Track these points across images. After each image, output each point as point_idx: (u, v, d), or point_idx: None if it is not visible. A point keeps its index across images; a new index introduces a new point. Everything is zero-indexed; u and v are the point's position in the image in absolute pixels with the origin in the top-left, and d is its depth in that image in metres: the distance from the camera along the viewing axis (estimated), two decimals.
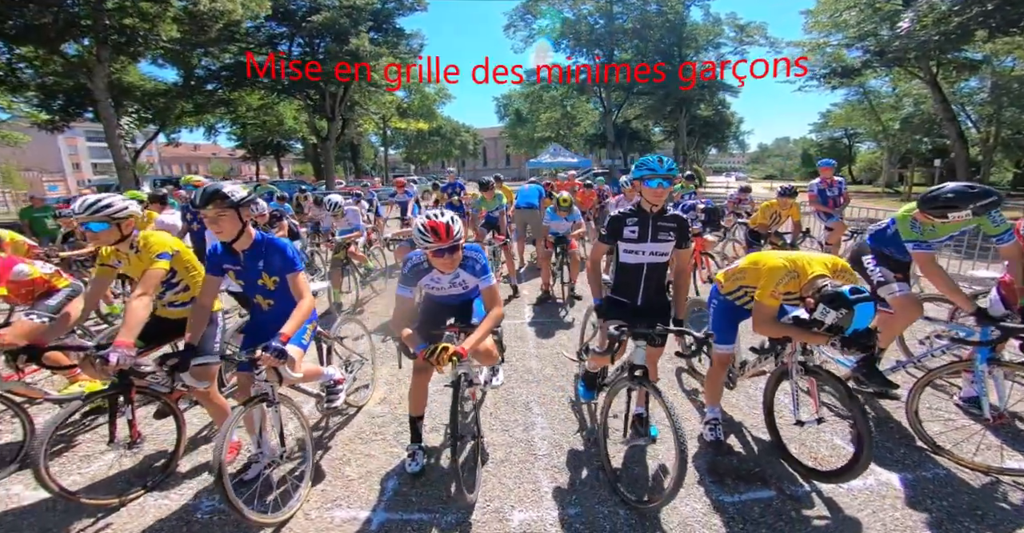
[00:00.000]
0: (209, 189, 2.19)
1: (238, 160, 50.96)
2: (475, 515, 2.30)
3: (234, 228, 2.24)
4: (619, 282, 2.66)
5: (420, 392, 2.65)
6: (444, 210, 2.24)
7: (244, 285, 2.44)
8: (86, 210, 2.32)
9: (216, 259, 2.37)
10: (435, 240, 2.14)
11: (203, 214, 2.21)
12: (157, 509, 2.35)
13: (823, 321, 2.06)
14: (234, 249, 2.33)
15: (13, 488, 2.54)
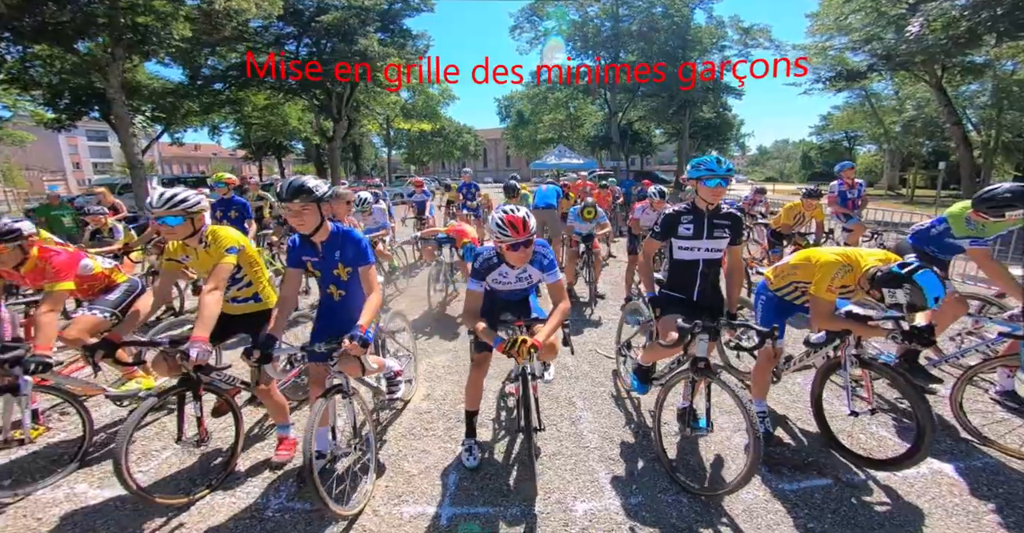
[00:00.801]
0: (295, 183, 2.23)
1: (239, 160, 50.97)
2: (538, 507, 2.35)
3: (315, 222, 2.29)
4: (673, 278, 2.73)
5: (477, 387, 2.71)
6: (518, 206, 2.29)
7: (320, 276, 2.49)
8: (164, 204, 2.35)
9: (296, 251, 2.43)
10: (513, 234, 2.19)
11: (287, 207, 2.25)
12: (227, 508, 2.36)
13: (902, 303, 2.10)
14: (312, 241, 2.38)
15: (77, 487, 2.54)
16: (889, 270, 2.12)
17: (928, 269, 2.08)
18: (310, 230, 2.30)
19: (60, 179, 42.23)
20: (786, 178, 49.92)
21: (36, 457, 2.81)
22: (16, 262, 2.67)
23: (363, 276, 2.40)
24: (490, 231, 2.30)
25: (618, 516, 2.27)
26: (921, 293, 2.04)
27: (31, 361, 2.37)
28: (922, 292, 2.03)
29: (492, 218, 2.27)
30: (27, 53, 12.77)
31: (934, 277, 2.06)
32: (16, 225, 2.62)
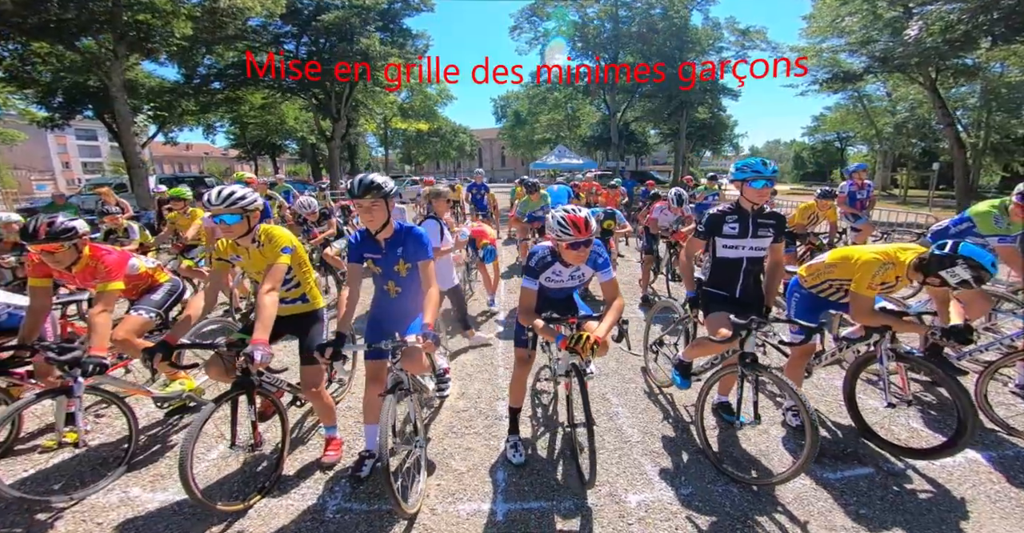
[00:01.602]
0: (365, 180, 2.26)
1: (232, 160, 50.45)
2: (591, 500, 2.41)
3: (383, 218, 2.32)
4: (716, 275, 2.81)
5: (522, 384, 2.77)
6: (579, 207, 2.34)
7: (380, 272, 2.51)
8: (223, 202, 2.34)
9: (357, 248, 2.44)
10: (575, 233, 2.23)
11: (357, 203, 2.27)
12: (285, 511, 2.34)
13: (967, 278, 2.15)
14: (376, 238, 2.41)
15: (131, 491, 2.51)
16: (931, 254, 2.22)
17: (964, 241, 2.19)
18: (378, 226, 2.33)
19: (49, 179, 41.53)
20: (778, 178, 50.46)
21: (80, 460, 2.78)
22: (70, 261, 2.64)
23: (423, 270, 2.42)
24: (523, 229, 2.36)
25: (672, 506, 2.34)
26: (977, 263, 2.11)
27: (89, 362, 2.36)
28: (978, 262, 2.11)
29: (552, 217, 2.31)
30: (26, 50, 12.58)
31: (975, 247, 2.16)
32: (71, 223, 2.59)
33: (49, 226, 2.49)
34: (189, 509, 2.35)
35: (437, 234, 4.01)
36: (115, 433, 3.08)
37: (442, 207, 4.17)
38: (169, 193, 6.00)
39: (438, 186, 4.38)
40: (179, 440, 2.99)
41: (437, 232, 4.03)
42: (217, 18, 12.29)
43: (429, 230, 3.95)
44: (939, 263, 2.20)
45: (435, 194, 4.20)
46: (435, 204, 4.16)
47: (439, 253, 3.95)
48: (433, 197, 4.18)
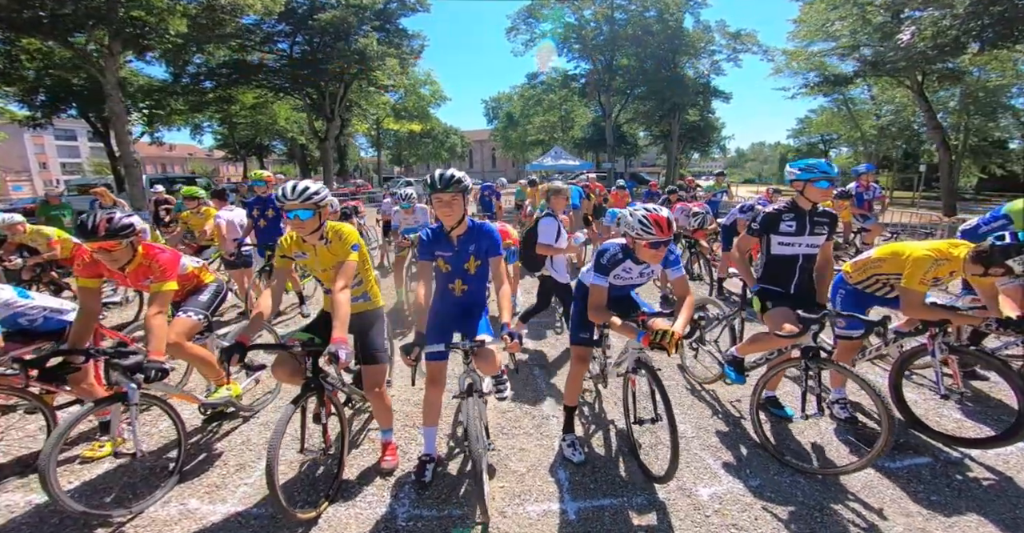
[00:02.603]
0: (446, 174, 2.24)
1: (217, 161, 49.50)
2: (662, 495, 2.43)
3: (461, 212, 2.31)
4: (771, 272, 2.87)
5: (579, 382, 2.77)
6: (659, 206, 2.35)
7: (449, 270, 2.48)
8: (299, 196, 2.27)
9: (428, 245, 2.41)
10: (657, 233, 2.24)
11: (438, 197, 2.24)
12: (356, 520, 2.27)
13: None
14: (448, 235, 2.39)
15: (189, 503, 2.41)
16: (992, 246, 2.31)
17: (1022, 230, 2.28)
18: (456, 221, 2.31)
19: (26, 180, 40.24)
20: (764, 180, 51.54)
21: (126, 470, 2.66)
22: (126, 260, 2.55)
23: (495, 267, 2.42)
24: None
25: (745, 498, 2.38)
26: None
27: (150, 368, 2.25)
28: None
29: (632, 215, 2.32)
30: (14, 47, 12.18)
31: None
32: (129, 219, 2.47)
33: (108, 222, 2.37)
34: (255, 521, 2.26)
35: (554, 232, 3.87)
36: (154, 442, 2.98)
37: (560, 204, 3.98)
38: (184, 192, 5.87)
39: (556, 183, 4.19)
40: (223, 448, 2.89)
41: (554, 230, 3.88)
42: (217, 15, 12.05)
43: (547, 228, 3.85)
44: (1003, 253, 2.28)
45: (554, 191, 4.00)
46: (553, 201, 3.98)
47: (554, 251, 3.89)
48: (553, 194, 3.99)
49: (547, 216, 3.93)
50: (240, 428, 3.13)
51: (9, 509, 2.37)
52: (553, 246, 3.86)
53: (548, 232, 3.85)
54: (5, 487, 2.51)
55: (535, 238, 3.90)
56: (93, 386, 2.77)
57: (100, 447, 2.78)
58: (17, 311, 2.66)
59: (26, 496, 2.45)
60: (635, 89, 25.43)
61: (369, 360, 2.57)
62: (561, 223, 3.97)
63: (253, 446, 2.91)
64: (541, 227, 3.87)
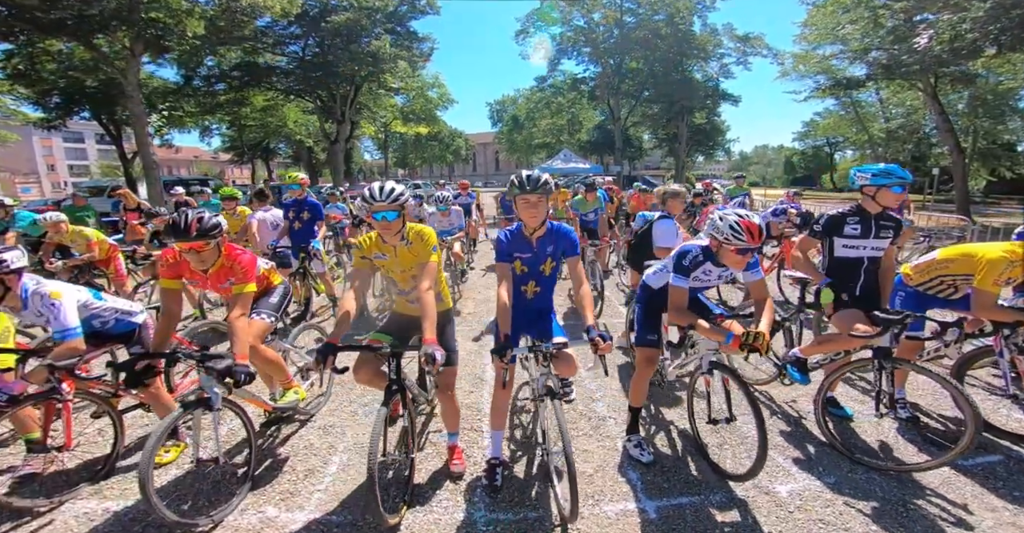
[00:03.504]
0: (534, 176, 2.26)
1: (223, 163, 49.69)
2: (740, 492, 2.44)
3: (545, 214, 2.32)
4: (834, 275, 2.90)
5: (645, 385, 2.79)
6: (751, 212, 2.34)
7: (525, 272, 2.49)
8: (387, 198, 2.26)
9: (507, 247, 2.41)
10: (748, 239, 2.24)
11: (524, 198, 2.25)
12: (436, 526, 2.25)
13: None
14: (527, 236, 2.40)
15: (266, 511, 2.36)
16: None
17: None
18: (539, 222, 2.33)
19: (34, 182, 40.44)
20: (768, 183, 51.64)
21: (191, 476, 2.63)
22: (212, 261, 2.54)
23: (573, 268, 2.43)
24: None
25: (825, 494, 2.39)
26: None
27: (240, 372, 2.24)
28: None
29: (723, 220, 2.31)
30: (36, 48, 12.29)
31: None
32: (216, 219, 2.47)
33: (199, 222, 2.37)
34: (337, 528, 2.23)
35: (673, 233, 3.85)
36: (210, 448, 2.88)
37: (677, 206, 3.99)
38: (222, 192, 5.92)
39: (673, 185, 4.22)
40: (287, 453, 2.86)
41: (673, 231, 3.87)
42: (236, 17, 12.13)
43: (666, 229, 3.83)
44: None
45: (672, 194, 4.01)
46: (670, 203, 3.99)
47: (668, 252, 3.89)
48: (670, 196, 4.01)
49: (665, 218, 3.90)
50: (299, 432, 3.10)
51: (88, 517, 2.33)
52: (672, 248, 3.87)
53: (668, 234, 3.80)
54: (79, 494, 2.47)
55: (648, 239, 3.90)
56: (160, 389, 2.77)
57: (166, 452, 2.77)
58: (93, 313, 2.66)
59: (102, 503, 2.42)
60: (644, 92, 25.53)
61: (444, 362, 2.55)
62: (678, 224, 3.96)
63: (317, 450, 2.89)
64: (659, 229, 3.83)
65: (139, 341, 2.84)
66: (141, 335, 2.86)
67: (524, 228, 2.42)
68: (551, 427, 2.36)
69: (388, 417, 2.27)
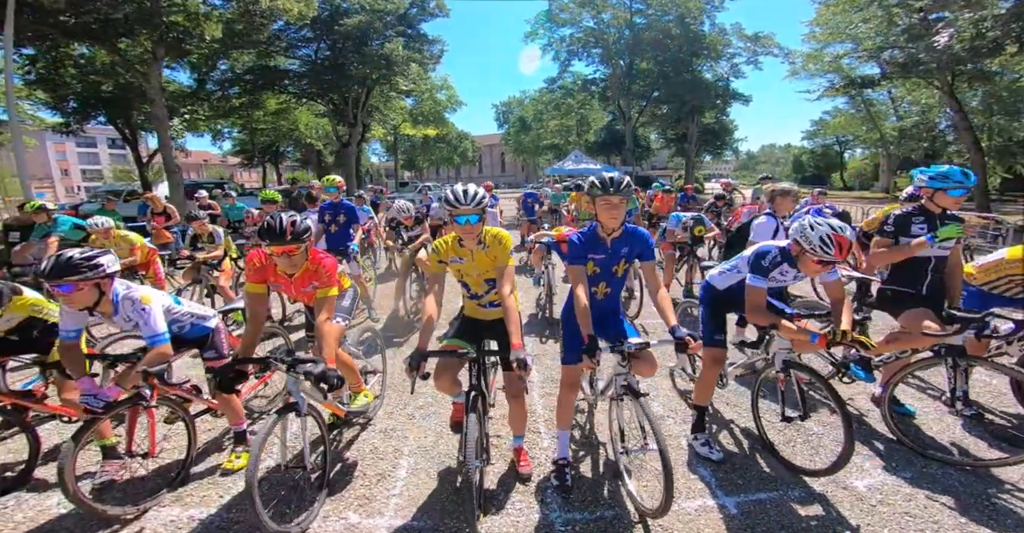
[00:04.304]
0: (617, 178, 2.27)
1: (232, 167, 50.12)
2: (817, 487, 2.46)
3: (623, 216, 2.33)
4: (900, 274, 2.91)
5: (712, 384, 2.82)
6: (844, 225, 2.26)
7: (597, 273, 2.48)
8: (471, 201, 2.26)
9: (581, 248, 2.39)
10: (835, 254, 2.22)
11: (606, 200, 2.26)
12: (514, 528, 2.22)
13: None
14: (602, 237, 2.39)
15: (348, 517, 2.33)
16: None
17: None
18: (619, 224, 2.33)
19: (48, 186, 40.90)
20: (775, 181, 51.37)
21: (266, 483, 2.57)
22: (301, 265, 2.51)
23: (649, 271, 2.44)
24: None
25: (904, 488, 2.41)
26: None
27: (332, 376, 2.19)
28: None
29: (815, 229, 2.27)
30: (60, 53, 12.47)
31: None
32: (307, 222, 2.41)
33: (293, 225, 2.35)
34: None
35: (771, 233, 3.71)
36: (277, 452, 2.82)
37: (786, 206, 3.82)
38: (263, 196, 6.00)
39: (784, 184, 4.08)
40: (354, 457, 2.84)
41: (771, 231, 3.72)
42: (256, 20, 12.25)
43: (765, 228, 3.70)
44: None
45: (782, 192, 3.83)
46: (779, 202, 3.83)
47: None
48: (779, 195, 3.82)
49: (768, 216, 3.81)
50: (361, 436, 3.10)
51: (175, 525, 2.30)
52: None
53: (765, 233, 3.70)
54: (160, 501, 2.44)
55: (745, 236, 3.83)
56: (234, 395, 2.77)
57: (236, 458, 2.74)
58: (172, 317, 2.63)
59: (185, 511, 2.39)
60: (654, 92, 25.53)
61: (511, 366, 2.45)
62: (781, 223, 3.79)
63: (383, 454, 2.88)
64: (758, 227, 3.74)
65: (212, 346, 2.83)
66: (214, 340, 2.84)
67: (600, 229, 2.40)
68: (630, 425, 2.38)
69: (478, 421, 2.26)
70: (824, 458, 2.71)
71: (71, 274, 2.18)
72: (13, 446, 3.01)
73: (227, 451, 2.90)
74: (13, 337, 2.79)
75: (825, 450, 2.81)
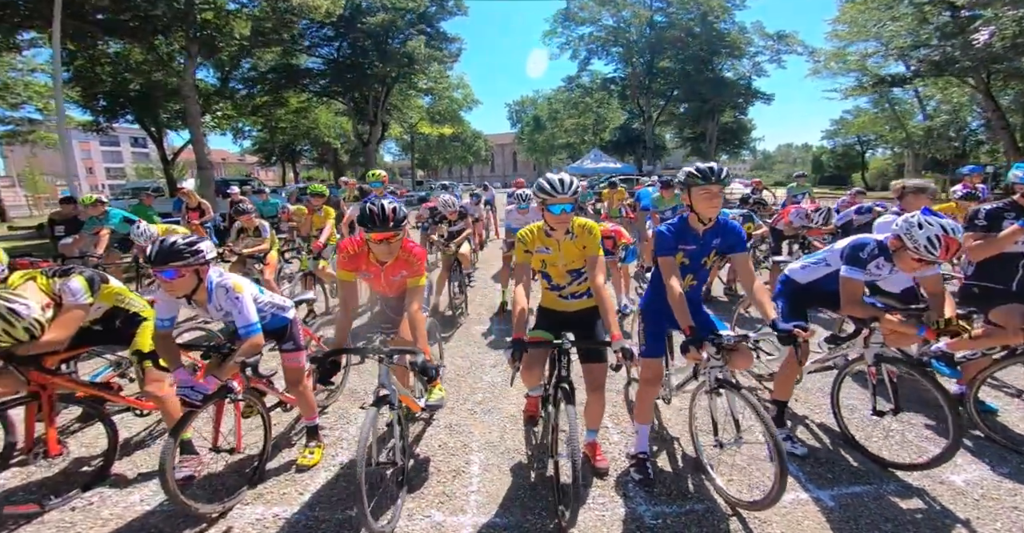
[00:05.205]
0: (716, 167, 2.25)
1: (250, 165, 50.82)
2: (912, 481, 2.43)
3: (720, 206, 2.30)
4: (990, 270, 2.85)
5: (794, 378, 2.78)
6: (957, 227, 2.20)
7: (687, 264, 2.45)
8: (568, 190, 2.24)
9: (672, 240, 2.35)
10: (940, 255, 2.18)
11: (707, 189, 2.23)
12: (602, 523, 2.21)
13: None
14: (694, 228, 2.36)
15: (433, 515, 2.29)
16: None
17: None
18: (716, 214, 2.31)
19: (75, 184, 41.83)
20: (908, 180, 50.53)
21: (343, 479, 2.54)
22: (396, 252, 2.48)
23: (743, 264, 2.39)
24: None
25: (1006, 484, 2.38)
26: None
27: (432, 367, 2.16)
28: None
29: (924, 227, 2.22)
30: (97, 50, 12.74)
31: None
32: (404, 209, 2.40)
33: (394, 212, 2.32)
34: (508, 532, 2.18)
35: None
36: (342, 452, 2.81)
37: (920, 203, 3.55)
38: (311, 189, 6.09)
39: (917, 181, 3.96)
40: (423, 453, 2.81)
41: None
42: (285, 17, 12.38)
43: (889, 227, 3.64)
44: None
45: (916, 189, 3.71)
46: (910, 200, 3.64)
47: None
48: (911, 192, 3.69)
49: (896, 214, 3.73)
50: (427, 432, 3.06)
51: (262, 524, 2.25)
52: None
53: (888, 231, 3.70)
54: (242, 499, 2.40)
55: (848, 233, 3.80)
56: (310, 388, 2.79)
57: (310, 453, 2.72)
58: (258, 307, 2.53)
59: (269, 509, 2.34)
60: (674, 91, 25.35)
61: (595, 358, 2.47)
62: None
63: (452, 450, 2.85)
64: (882, 226, 3.64)
65: (291, 337, 2.77)
66: (292, 331, 2.78)
67: (693, 220, 2.37)
68: (724, 418, 2.36)
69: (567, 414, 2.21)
70: (910, 453, 2.68)
71: (175, 259, 2.14)
72: (83, 439, 3.00)
73: (296, 447, 2.87)
74: (97, 327, 2.72)
75: (910, 445, 2.77)
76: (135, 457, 2.81)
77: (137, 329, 2.73)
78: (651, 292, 2.67)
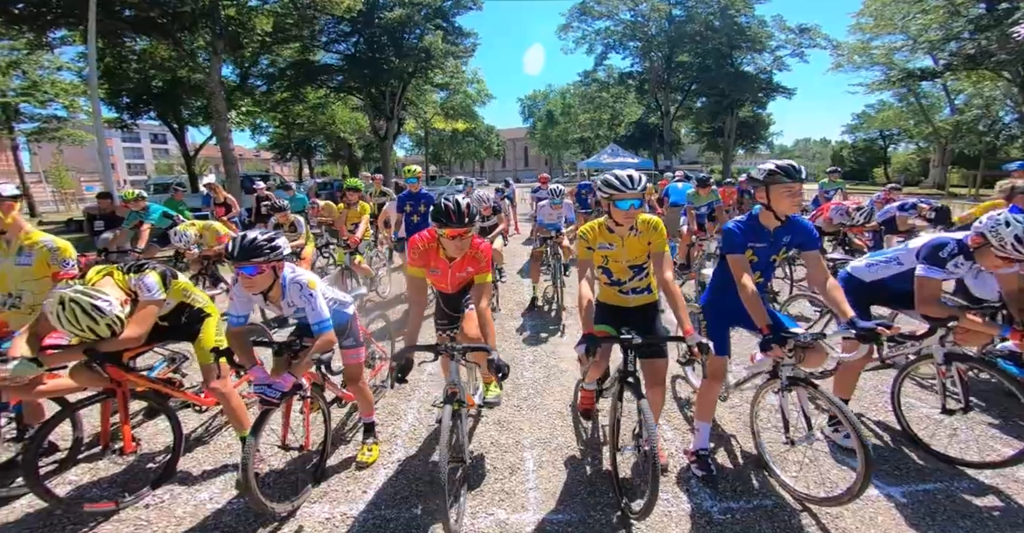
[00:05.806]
0: (797, 166, 2.23)
1: (266, 161, 51.42)
2: (984, 479, 2.42)
3: (801, 204, 2.28)
4: None
5: (857, 375, 2.76)
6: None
7: (756, 262, 2.43)
8: (638, 186, 2.24)
9: (742, 237, 2.32)
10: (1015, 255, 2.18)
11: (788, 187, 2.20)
12: (669, 518, 2.21)
13: None
14: (765, 226, 2.34)
15: (496, 513, 2.27)
16: None
17: None
18: (796, 211, 2.28)
19: (96, 180, 42.67)
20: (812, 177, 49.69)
21: (403, 478, 2.54)
22: (467, 248, 2.47)
23: (815, 261, 2.34)
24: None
25: None
26: None
27: (504, 364, 2.13)
28: None
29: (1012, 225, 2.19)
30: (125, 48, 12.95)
31: None
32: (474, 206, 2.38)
33: (468, 208, 2.33)
34: (571, 528, 2.18)
35: None
36: (398, 450, 2.81)
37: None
38: (347, 184, 6.14)
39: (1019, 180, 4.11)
40: (475, 450, 2.80)
41: None
42: (307, 13, 12.44)
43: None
44: None
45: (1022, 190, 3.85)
46: (1019, 200, 3.89)
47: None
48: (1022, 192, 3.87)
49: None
50: (478, 429, 3.05)
51: (331, 524, 2.22)
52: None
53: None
54: (308, 497, 2.40)
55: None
56: (366, 384, 2.81)
57: (368, 450, 2.73)
58: None
59: (336, 507, 2.33)
60: (692, 86, 24.99)
61: (656, 353, 2.44)
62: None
63: (504, 447, 2.83)
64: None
65: (351, 333, 2.74)
66: (351, 326, 2.75)
67: (766, 217, 2.34)
68: (794, 415, 2.34)
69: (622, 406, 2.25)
70: (979, 451, 2.65)
71: (256, 256, 2.13)
72: (143, 435, 2.99)
73: (352, 443, 2.89)
74: (163, 323, 2.67)
75: (979, 443, 2.73)
76: (196, 454, 2.81)
77: (201, 325, 2.73)
78: (713, 290, 2.66)
